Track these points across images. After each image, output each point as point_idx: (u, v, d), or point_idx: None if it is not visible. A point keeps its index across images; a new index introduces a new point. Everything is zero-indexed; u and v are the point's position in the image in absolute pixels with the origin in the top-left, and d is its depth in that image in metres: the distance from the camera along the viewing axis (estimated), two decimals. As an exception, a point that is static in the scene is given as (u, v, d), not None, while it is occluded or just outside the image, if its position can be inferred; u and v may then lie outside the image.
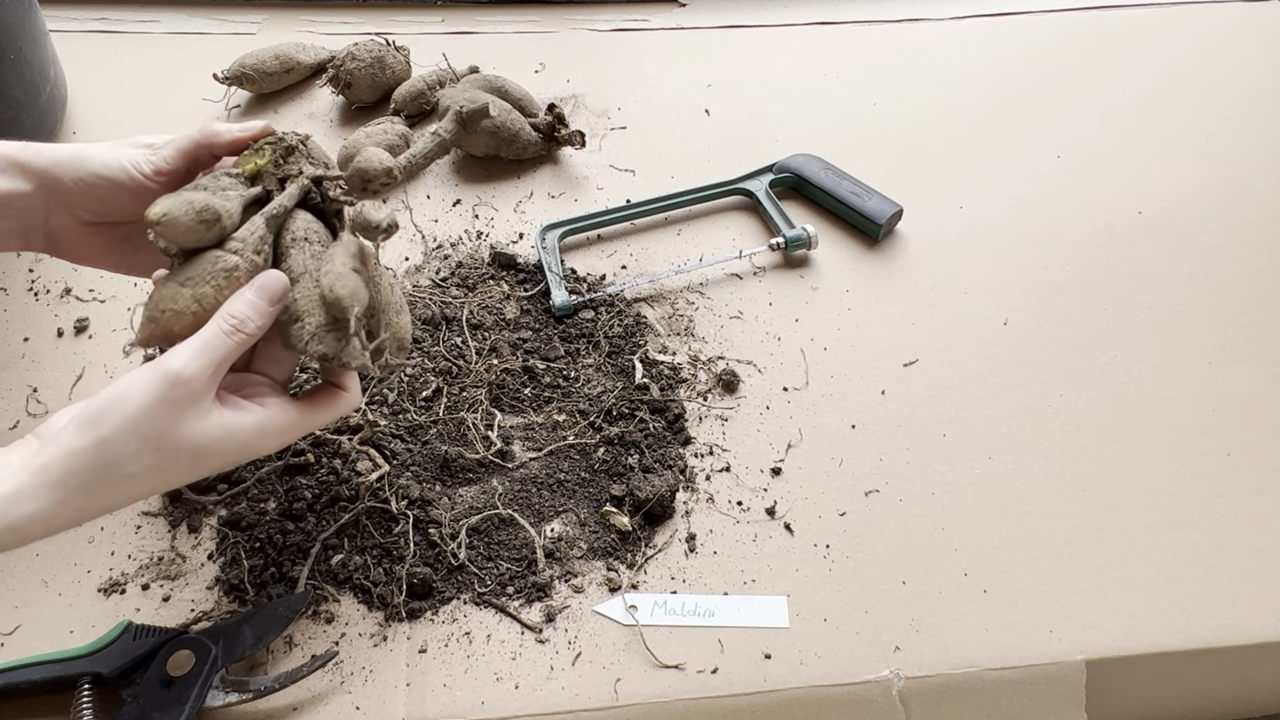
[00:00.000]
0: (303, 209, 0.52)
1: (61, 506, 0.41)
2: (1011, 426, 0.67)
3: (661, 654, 0.54)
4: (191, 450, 0.44)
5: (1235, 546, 0.61)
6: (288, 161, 0.52)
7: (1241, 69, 0.99)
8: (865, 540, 0.60)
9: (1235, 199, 0.85)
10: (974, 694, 0.54)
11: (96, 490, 0.42)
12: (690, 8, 1.07)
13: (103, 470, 0.42)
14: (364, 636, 0.55)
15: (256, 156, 0.51)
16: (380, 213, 0.49)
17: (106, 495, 0.43)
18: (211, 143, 0.52)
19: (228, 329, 0.44)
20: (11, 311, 0.71)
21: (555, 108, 0.85)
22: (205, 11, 1.02)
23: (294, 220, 0.51)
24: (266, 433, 0.47)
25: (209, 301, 0.46)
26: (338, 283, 0.47)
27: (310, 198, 0.52)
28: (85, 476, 0.42)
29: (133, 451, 0.42)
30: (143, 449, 0.42)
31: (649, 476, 0.62)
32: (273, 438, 0.47)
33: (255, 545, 0.58)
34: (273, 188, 0.51)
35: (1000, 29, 1.05)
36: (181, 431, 0.43)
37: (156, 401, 0.42)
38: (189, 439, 0.43)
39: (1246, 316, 0.75)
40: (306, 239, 0.50)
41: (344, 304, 0.46)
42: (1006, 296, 0.76)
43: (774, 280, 0.77)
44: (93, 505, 0.43)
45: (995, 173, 0.87)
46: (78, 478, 0.41)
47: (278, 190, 0.51)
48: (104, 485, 0.42)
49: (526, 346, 0.70)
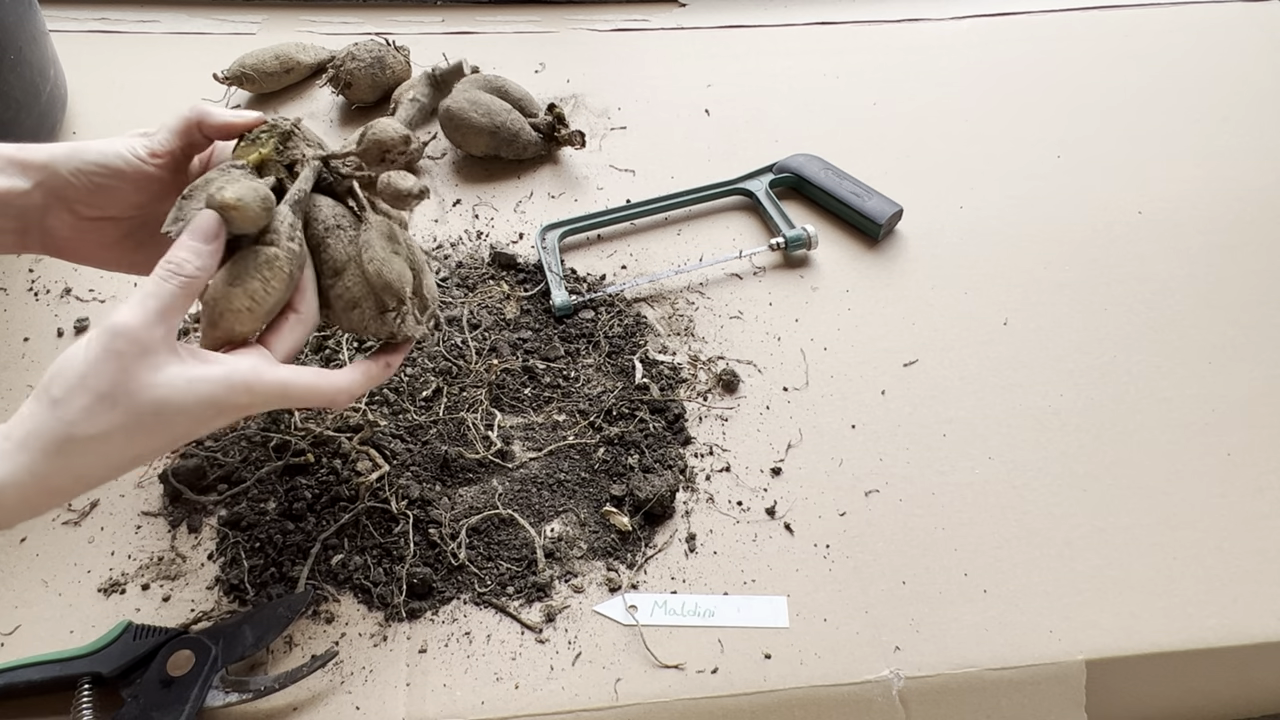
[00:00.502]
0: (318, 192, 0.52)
1: (29, 474, 0.40)
2: (1011, 426, 0.67)
3: (661, 654, 0.55)
4: (152, 405, 0.42)
5: (1235, 546, 0.61)
6: (289, 147, 0.52)
7: (1241, 69, 0.99)
8: (865, 540, 0.60)
9: (1235, 199, 0.85)
10: (974, 694, 0.54)
11: (64, 456, 0.41)
12: (690, 8, 1.07)
13: (62, 432, 0.41)
14: (364, 636, 0.55)
15: (259, 146, 0.51)
16: (408, 180, 0.51)
17: (76, 461, 0.41)
18: (203, 121, 0.51)
19: (164, 274, 0.44)
20: (11, 311, 0.71)
21: (555, 108, 0.85)
22: (205, 11, 1.02)
23: (318, 208, 0.51)
24: (235, 386, 0.44)
25: (261, 295, 0.47)
26: (384, 268, 0.50)
27: (321, 178, 0.52)
28: (45, 440, 0.41)
29: (85, 408, 0.41)
30: (96, 406, 0.41)
31: (649, 476, 0.62)
32: (243, 394, 0.45)
33: (255, 545, 0.58)
34: (281, 175, 0.51)
35: (1000, 29, 1.05)
36: (136, 383, 0.42)
37: (100, 355, 0.41)
38: (145, 392, 0.42)
39: (1246, 316, 0.75)
40: (338, 225, 0.51)
41: (394, 288, 0.50)
42: (1006, 296, 0.76)
43: (774, 280, 0.77)
44: (64, 474, 0.42)
45: (995, 173, 0.87)
46: (39, 441, 0.41)
47: (287, 177, 0.51)
48: (69, 450, 0.41)
49: (526, 346, 0.70)
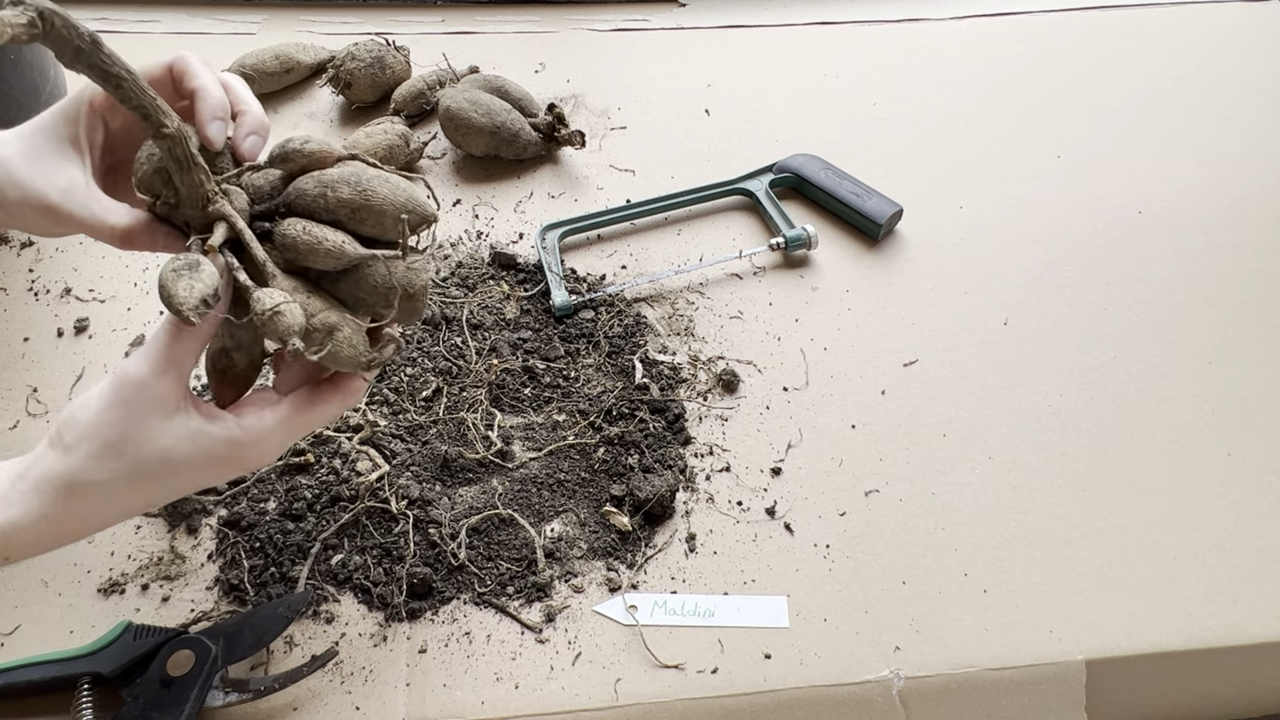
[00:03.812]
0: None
1: (42, 518, 0.41)
2: (1011, 426, 0.67)
3: (661, 654, 0.54)
4: (158, 456, 0.42)
5: (1235, 546, 0.61)
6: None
7: (1241, 69, 0.99)
8: (865, 540, 0.60)
9: (1235, 199, 0.85)
10: (974, 694, 0.54)
11: (73, 501, 0.41)
12: (690, 8, 1.07)
13: (71, 478, 0.41)
14: (364, 636, 0.55)
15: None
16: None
17: (84, 505, 0.42)
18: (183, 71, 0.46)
19: (170, 326, 0.43)
20: (11, 311, 0.71)
21: (555, 108, 0.85)
22: (205, 11, 1.02)
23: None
24: (237, 441, 0.44)
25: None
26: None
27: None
28: (57, 484, 0.41)
29: (93, 455, 0.41)
30: (104, 454, 0.41)
31: (649, 476, 0.62)
32: (248, 447, 0.44)
33: (255, 545, 0.58)
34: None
35: (1000, 29, 1.05)
36: (144, 435, 0.42)
37: (111, 404, 0.42)
38: (153, 443, 0.42)
39: (1246, 316, 0.75)
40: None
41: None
42: (1006, 296, 0.76)
43: (774, 280, 0.77)
44: (73, 519, 0.42)
45: (995, 173, 0.87)
46: (51, 485, 0.41)
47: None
48: (78, 496, 0.41)
49: (526, 346, 0.70)
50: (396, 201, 0.45)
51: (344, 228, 0.46)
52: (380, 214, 0.45)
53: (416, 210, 0.46)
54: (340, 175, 0.45)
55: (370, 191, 0.45)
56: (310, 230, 0.44)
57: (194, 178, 0.43)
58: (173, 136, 0.42)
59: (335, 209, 0.45)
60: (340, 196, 0.45)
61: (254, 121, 0.47)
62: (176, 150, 0.42)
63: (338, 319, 0.45)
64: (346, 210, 0.45)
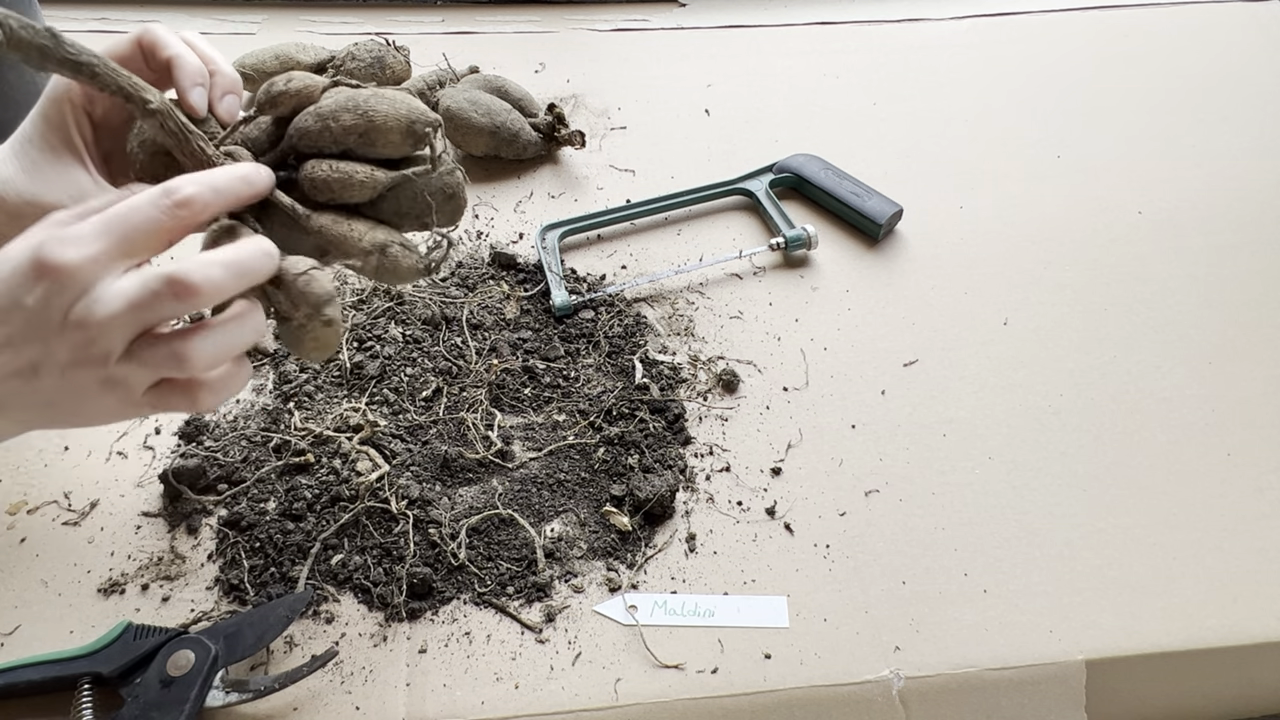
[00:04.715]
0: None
1: None
2: (1011, 426, 0.67)
3: (661, 654, 0.54)
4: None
5: (1235, 546, 0.61)
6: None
7: (1241, 69, 0.99)
8: (865, 540, 0.60)
9: (1235, 199, 0.85)
10: (974, 694, 0.54)
11: None
12: (690, 8, 1.07)
13: None
14: (364, 636, 0.55)
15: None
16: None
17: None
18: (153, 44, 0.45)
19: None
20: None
21: (555, 108, 0.85)
22: (205, 11, 1.02)
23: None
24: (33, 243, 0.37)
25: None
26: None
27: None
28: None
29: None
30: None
31: (649, 476, 0.62)
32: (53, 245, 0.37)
33: (255, 545, 0.58)
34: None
35: (1000, 29, 1.05)
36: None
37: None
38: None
39: (1246, 316, 0.75)
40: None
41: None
42: (1006, 296, 0.76)
43: (774, 280, 0.77)
44: None
45: (995, 173, 0.87)
46: None
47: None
48: None
49: (526, 346, 0.70)
50: (400, 115, 0.45)
51: (354, 155, 0.45)
52: (388, 131, 0.45)
53: (421, 118, 0.45)
54: (336, 103, 0.45)
55: (372, 111, 0.44)
56: (338, 167, 0.44)
57: (193, 145, 0.43)
58: (160, 111, 0.42)
59: (342, 138, 0.44)
60: (344, 124, 0.44)
61: (227, 81, 0.46)
62: (168, 124, 0.42)
63: (385, 236, 0.45)
64: (354, 136, 0.44)
